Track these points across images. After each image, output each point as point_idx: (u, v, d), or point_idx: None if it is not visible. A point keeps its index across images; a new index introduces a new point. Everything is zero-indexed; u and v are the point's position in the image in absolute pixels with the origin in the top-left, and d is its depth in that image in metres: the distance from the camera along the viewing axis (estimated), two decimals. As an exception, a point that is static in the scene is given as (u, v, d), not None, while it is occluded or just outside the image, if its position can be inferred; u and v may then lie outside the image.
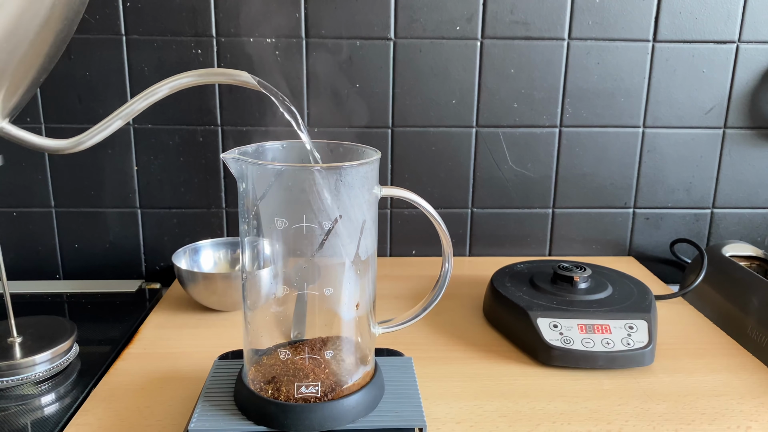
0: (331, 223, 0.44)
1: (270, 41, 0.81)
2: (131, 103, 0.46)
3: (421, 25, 0.82)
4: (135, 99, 0.46)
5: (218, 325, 0.70)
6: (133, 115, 0.46)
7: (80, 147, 0.47)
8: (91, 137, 0.46)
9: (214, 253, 0.79)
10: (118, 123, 0.46)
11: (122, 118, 0.46)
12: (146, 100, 0.46)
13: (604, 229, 0.92)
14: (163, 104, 0.82)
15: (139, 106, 0.46)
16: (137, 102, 0.45)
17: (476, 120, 0.86)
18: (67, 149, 0.47)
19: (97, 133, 0.46)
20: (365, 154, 0.48)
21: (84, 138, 0.46)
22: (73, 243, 0.87)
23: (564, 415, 0.53)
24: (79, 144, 0.47)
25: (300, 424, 0.45)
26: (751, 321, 0.68)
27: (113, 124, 0.46)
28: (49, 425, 0.52)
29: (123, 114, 0.46)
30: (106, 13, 0.79)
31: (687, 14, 0.83)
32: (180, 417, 0.52)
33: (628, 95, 0.86)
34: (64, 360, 0.61)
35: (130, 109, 0.46)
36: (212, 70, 0.46)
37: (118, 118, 0.46)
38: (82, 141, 0.46)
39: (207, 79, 0.46)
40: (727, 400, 0.55)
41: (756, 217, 0.92)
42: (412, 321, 0.52)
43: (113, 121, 0.46)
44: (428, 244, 0.91)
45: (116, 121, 0.46)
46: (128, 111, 0.46)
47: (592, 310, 0.63)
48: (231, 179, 0.86)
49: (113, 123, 0.46)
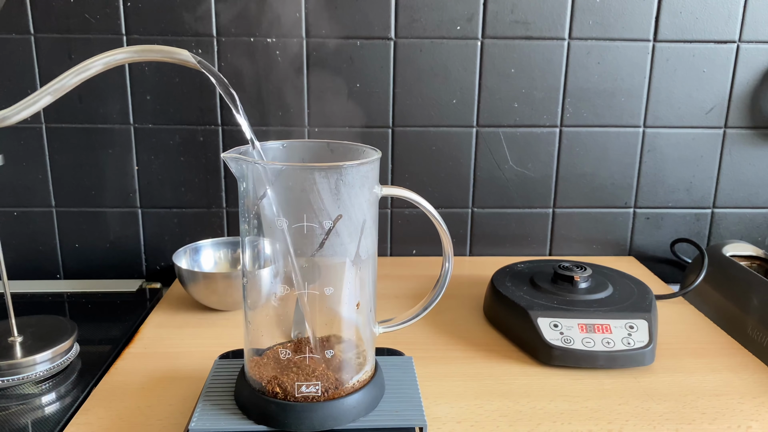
0: (331, 222, 0.44)
1: (270, 41, 0.81)
2: (62, 78, 0.44)
3: (422, 24, 0.82)
4: (67, 73, 0.44)
5: (219, 324, 0.70)
6: (64, 90, 0.44)
7: (5, 123, 0.45)
8: (18, 112, 0.45)
9: (215, 253, 0.79)
10: (47, 99, 0.44)
11: (51, 94, 0.44)
12: (78, 75, 0.44)
13: (605, 229, 0.92)
14: (163, 104, 0.82)
15: (70, 81, 0.44)
16: (68, 77, 0.44)
17: (477, 120, 0.86)
18: None
19: (24, 108, 0.45)
20: (366, 153, 0.48)
21: (9, 112, 0.45)
22: (74, 243, 0.87)
23: (564, 414, 0.53)
24: (4, 119, 0.45)
25: (300, 423, 0.45)
26: (751, 321, 0.68)
27: (42, 100, 0.44)
28: (49, 425, 0.52)
29: (52, 89, 0.44)
30: (107, 12, 0.79)
31: (687, 14, 0.83)
32: (180, 416, 0.52)
33: (629, 95, 0.86)
34: (64, 359, 0.61)
35: (60, 84, 0.44)
36: (150, 46, 0.44)
37: (47, 93, 0.44)
38: (7, 116, 0.45)
39: (145, 56, 0.44)
40: (727, 399, 0.55)
41: (756, 216, 0.92)
42: (412, 320, 0.52)
43: (42, 95, 0.44)
44: (429, 244, 0.91)
45: (45, 96, 0.44)
46: (58, 86, 0.44)
47: (592, 310, 0.63)
48: (231, 179, 0.86)
49: (42, 98, 0.44)
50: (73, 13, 0.79)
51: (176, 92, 0.82)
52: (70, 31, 0.79)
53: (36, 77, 0.81)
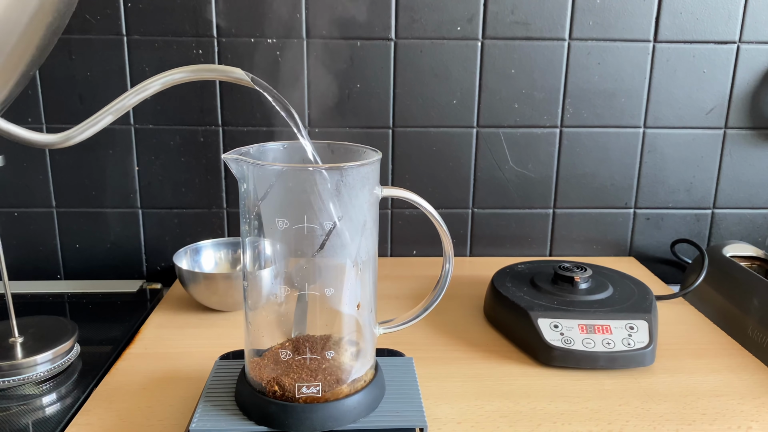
0: (332, 223, 0.44)
1: (271, 41, 0.81)
2: (123, 98, 0.45)
3: (422, 25, 0.82)
4: (127, 94, 0.44)
5: (219, 325, 0.70)
6: (124, 110, 0.45)
7: (70, 142, 0.46)
8: (81, 132, 0.45)
9: (215, 254, 0.79)
10: (108, 118, 0.45)
11: (113, 113, 0.45)
12: (138, 95, 0.45)
13: (605, 230, 0.92)
14: (164, 104, 0.82)
15: (130, 101, 0.45)
16: (129, 97, 0.45)
17: (477, 120, 0.86)
18: (56, 144, 0.46)
19: (87, 128, 0.45)
20: (366, 154, 0.48)
21: (73, 133, 0.45)
22: (75, 243, 0.87)
23: (565, 415, 0.53)
24: (69, 139, 0.45)
25: (301, 424, 0.45)
26: (751, 321, 0.68)
27: (104, 119, 0.45)
28: (50, 425, 0.52)
29: (114, 109, 0.45)
30: (107, 13, 0.79)
31: (688, 14, 0.83)
32: (181, 417, 0.52)
33: (629, 95, 0.86)
34: (65, 360, 0.61)
35: (121, 104, 0.45)
36: (206, 66, 0.45)
37: (108, 113, 0.45)
38: (71, 136, 0.45)
39: (200, 75, 0.45)
40: (727, 400, 0.56)
41: (757, 217, 0.92)
42: (412, 321, 0.52)
43: (104, 116, 0.45)
44: (429, 245, 0.91)
45: (107, 116, 0.45)
46: (119, 106, 0.45)
47: (592, 311, 0.63)
48: (232, 179, 0.86)
49: (104, 118, 0.45)
50: (74, 14, 0.79)
51: (177, 93, 0.82)
52: (70, 32, 0.79)
53: (36, 77, 0.81)
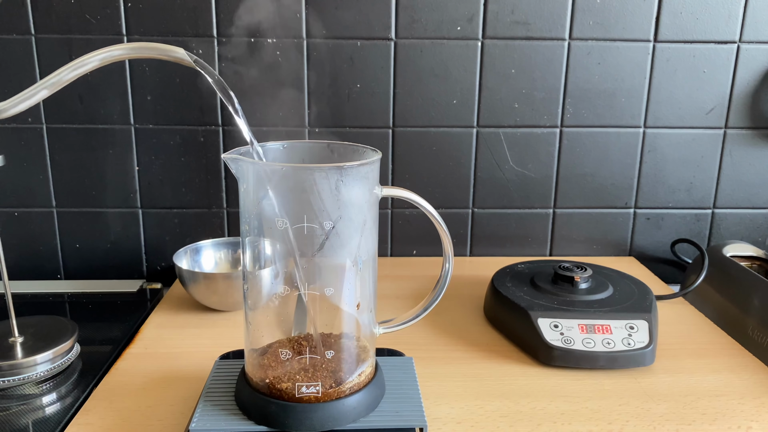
0: (332, 223, 0.44)
1: (271, 41, 0.81)
2: (59, 72, 0.44)
3: (422, 25, 0.82)
4: (63, 69, 0.44)
5: (219, 325, 0.70)
6: (60, 85, 0.45)
7: (1, 115, 0.46)
8: (14, 105, 0.45)
9: (215, 253, 0.79)
10: (43, 93, 0.45)
11: (48, 88, 0.45)
12: (75, 70, 0.44)
13: (605, 229, 0.92)
14: (164, 104, 0.82)
15: (67, 76, 0.44)
16: (65, 72, 0.44)
17: (477, 120, 0.86)
18: None
19: (21, 101, 0.45)
20: (366, 154, 0.48)
21: (6, 105, 0.45)
22: (75, 243, 0.87)
23: (565, 415, 0.53)
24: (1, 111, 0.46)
25: (301, 423, 0.45)
26: (751, 321, 0.68)
27: (38, 93, 0.45)
28: (50, 425, 0.52)
29: (50, 83, 0.45)
30: (107, 13, 0.79)
31: (688, 14, 0.83)
32: (181, 417, 0.52)
33: (629, 95, 0.86)
34: (65, 360, 0.61)
35: (56, 78, 0.44)
36: (146, 44, 0.44)
37: (43, 87, 0.45)
38: (4, 108, 0.45)
39: (140, 53, 0.45)
40: (727, 400, 0.55)
41: (757, 217, 0.92)
42: (412, 321, 0.52)
43: (38, 90, 0.45)
44: (429, 244, 0.91)
45: (41, 90, 0.45)
46: (55, 80, 0.44)
47: (592, 310, 0.63)
48: (232, 179, 0.86)
49: (38, 92, 0.45)
50: (74, 14, 0.79)
51: (177, 93, 0.82)
52: (70, 32, 0.79)
53: (36, 78, 0.81)
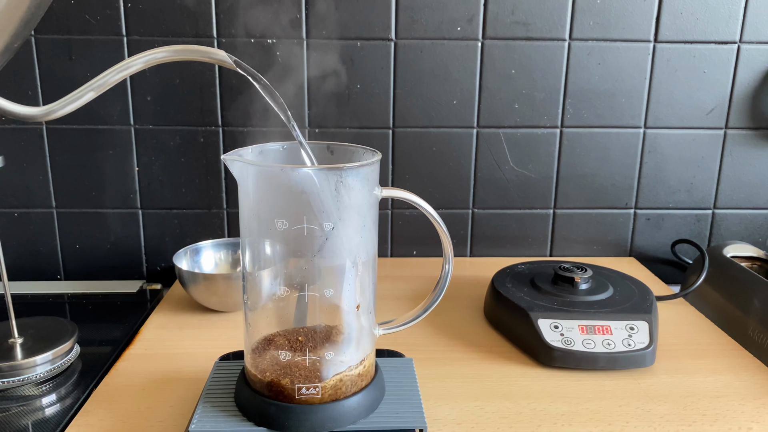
0: (331, 224, 0.44)
1: (271, 42, 0.81)
2: (105, 75, 0.45)
3: (422, 25, 0.82)
4: (109, 71, 0.45)
5: (219, 325, 0.70)
6: (106, 87, 0.46)
7: (51, 116, 0.47)
8: (63, 107, 0.46)
9: (215, 254, 0.79)
10: (90, 95, 0.46)
11: (95, 90, 0.46)
12: (120, 73, 0.45)
13: (605, 230, 0.92)
14: (164, 105, 0.82)
15: (113, 78, 0.45)
16: (110, 74, 0.45)
17: (477, 121, 0.86)
18: (38, 117, 0.47)
19: (69, 103, 0.46)
20: (366, 155, 0.48)
21: (55, 107, 0.46)
22: (75, 244, 0.87)
23: (565, 416, 0.53)
24: (51, 113, 0.47)
25: (301, 425, 0.45)
26: (752, 322, 0.68)
27: (85, 96, 0.46)
28: (50, 426, 0.52)
29: (96, 86, 0.46)
30: (107, 14, 0.79)
31: (688, 14, 0.83)
32: (181, 418, 0.52)
33: (629, 96, 0.86)
34: (65, 361, 0.61)
35: (103, 80, 0.45)
36: (189, 46, 0.45)
37: (90, 89, 0.46)
38: (53, 110, 0.46)
39: (183, 56, 0.45)
40: (728, 401, 0.55)
41: (757, 217, 0.92)
42: (412, 322, 0.52)
43: (85, 92, 0.46)
44: (429, 245, 0.91)
45: (88, 92, 0.46)
46: (101, 83, 0.45)
47: (593, 311, 0.63)
48: (232, 180, 0.86)
49: (85, 94, 0.46)
50: (74, 14, 0.79)
51: (177, 93, 0.82)
52: (70, 32, 0.79)
53: (36, 78, 0.81)
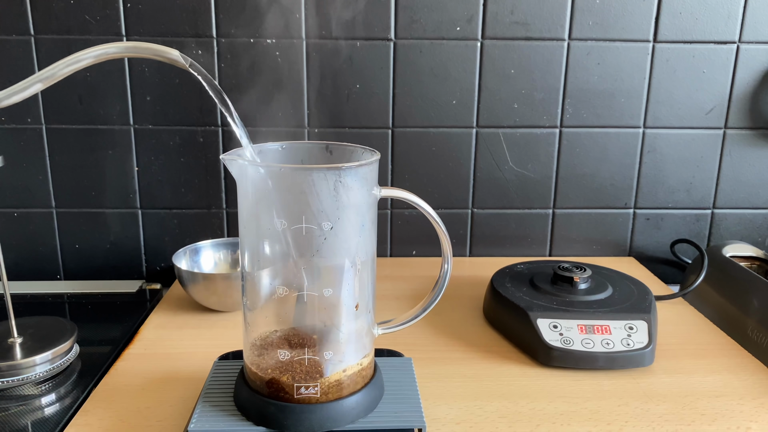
0: (330, 223, 0.44)
1: (270, 42, 0.81)
2: (54, 67, 0.45)
3: (422, 25, 0.82)
4: (58, 63, 0.45)
5: (218, 325, 0.70)
6: (53, 80, 0.45)
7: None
8: (8, 97, 0.46)
9: (215, 254, 0.79)
10: (37, 86, 0.45)
11: (42, 81, 0.45)
12: (69, 66, 0.45)
13: (605, 230, 0.92)
14: (163, 105, 0.82)
15: (62, 71, 0.45)
16: (60, 67, 0.45)
17: (476, 120, 0.86)
18: None
19: (14, 93, 0.46)
20: (365, 155, 0.48)
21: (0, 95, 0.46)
22: (74, 243, 0.87)
23: (564, 415, 0.53)
24: None
25: (300, 424, 0.45)
26: (751, 321, 0.68)
27: (32, 86, 0.45)
28: (49, 425, 0.52)
29: (43, 77, 0.45)
30: (107, 14, 0.79)
31: (687, 14, 0.83)
32: (180, 417, 0.52)
33: (629, 96, 0.86)
34: (64, 360, 0.61)
35: (51, 72, 0.45)
36: (140, 43, 0.45)
37: (38, 80, 0.45)
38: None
39: (134, 53, 0.45)
40: (727, 400, 0.55)
41: (756, 217, 0.92)
42: (411, 321, 0.52)
43: (33, 83, 0.45)
44: (428, 245, 0.91)
45: (36, 83, 0.45)
46: (49, 74, 0.45)
47: (592, 311, 0.63)
48: (231, 180, 0.86)
49: (33, 85, 0.45)
50: (73, 15, 0.79)
51: (176, 93, 0.82)
52: (70, 32, 0.79)
53: (36, 78, 0.81)
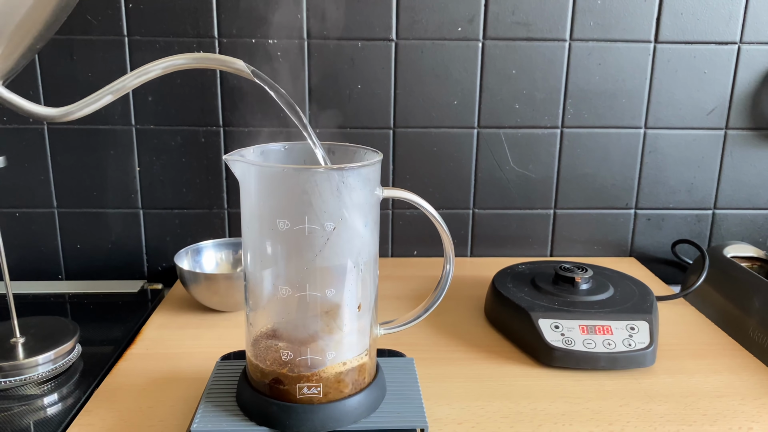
0: (333, 224, 0.44)
1: (272, 42, 0.81)
2: (124, 79, 0.46)
3: (423, 26, 0.82)
4: (128, 75, 0.46)
5: (220, 325, 0.70)
6: (124, 91, 0.47)
7: (69, 117, 0.48)
8: (81, 109, 0.47)
9: (216, 254, 0.80)
10: (108, 98, 0.47)
11: (113, 93, 0.46)
12: (139, 77, 0.46)
13: (606, 230, 0.92)
14: (165, 105, 0.82)
15: (132, 82, 0.46)
16: (129, 79, 0.46)
17: (478, 121, 0.86)
18: (56, 118, 0.48)
19: (86, 105, 0.47)
20: (367, 155, 0.49)
21: (73, 108, 0.47)
22: (76, 243, 0.87)
23: (566, 416, 0.53)
24: (69, 114, 0.47)
25: (302, 424, 0.46)
26: (752, 322, 0.68)
27: (103, 98, 0.47)
28: (51, 425, 0.52)
29: (114, 89, 0.46)
30: (109, 14, 0.79)
31: (688, 15, 0.83)
32: (182, 417, 0.52)
33: (630, 96, 0.86)
34: (66, 360, 0.61)
35: (121, 84, 0.46)
36: (208, 55, 0.46)
37: (108, 92, 0.46)
38: (71, 111, 0.47)
39: (201, 63, 0.46)
40: (728, 401, 0.56)
41: (757, 217, 0.92)
42: (414, 322, 0.52)
43: (104, 95, 0.47)
44: (429, 245, 0.91)
45: (106, 95, 0.47)
46: (119, 87, 0.46)
47: (593, 311, 0.63)
48: (233, 180, 0.86)
49: (104, 97, 0.47)
50: (75, 14, 0.79)
51: (178, 93, 0.82)
52: (71, 32, 0.79)
53: (38, 78, 0.81)
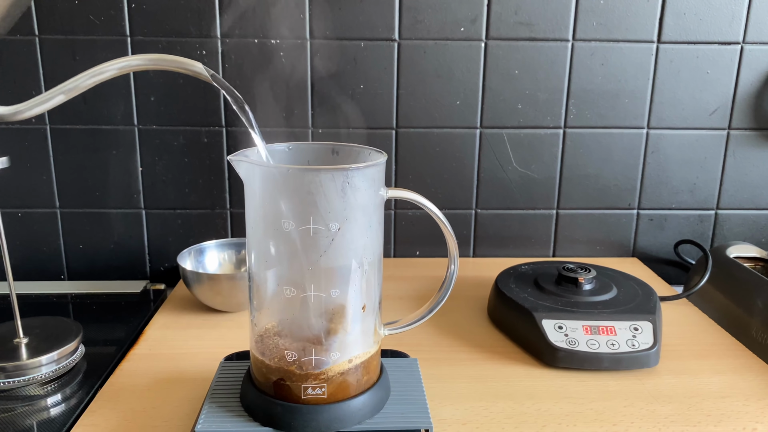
0: (337, 224, 0.44)
1: (274, 42, 0.81)
2: (76, 79, 0.45)
3: (426, 26, 0.82)
4: (81, 75, 0.45)
5: (223, 326, 0.70)
6: (77, 91, 0.46)
7: (18, 116, 0.47)
8: (30, 108, 0.46)
9: (219, 254, 0.80)
10: (60, 98, 0.46)
11: (65, 93, 0.46)
12: (93, 77, 0.45)
13: (608, 230, 0.92)
14: (167, 105, 0.82)
15: (85, 82, 0.45)
16: (83, 79, 0.45)
17: (480, 121, 0.86)
18: (5, 116, 0.47)
19: (37, 104, 0.46)
20: (372, 156, 0.48)
21: (22, 107, 0.47)
22: (78, 244, 0.87)
23: (569, 416, 0.53)
24: (18, 113, 0.47)
25: (306, 425, 0.45)
26: (755, 322, 0.68)
27: (55, 98, 0.46)
28: (55, 426, 0.52)
29: (66, 89, 0.46)
30: (111, 14, 0.79)
31: (691, 15, 0.83)
32: (186, 418, 0.52)
33: (633, 96, 0.86)
34: (70, 361, 0.61)
35: (74, 84, 0.45)
36: (165, 56, 0.45)
37: (60, 92, 0.46)
38: (20, 110, 0.46)
39: (158, 65, 0.45)
40: (732, 401, 0.56)
41: (760, 218, 0.92)
42: (418, 322, 0.52)
43: (55, 94, 0.46)
44: (432, 245, 0.91)
45: (58, 95, 0.46)
46: (72, 86, 0.45)
47: (596, 312, 0.63)
48: (235, 180, 0.86)
49: (55, 96, 0.46)
50: (78, 15, 0.79)
51: (180, 93, 0.82)
52: (74, 33, 0.79)
53: (40, 79, 0.81)
